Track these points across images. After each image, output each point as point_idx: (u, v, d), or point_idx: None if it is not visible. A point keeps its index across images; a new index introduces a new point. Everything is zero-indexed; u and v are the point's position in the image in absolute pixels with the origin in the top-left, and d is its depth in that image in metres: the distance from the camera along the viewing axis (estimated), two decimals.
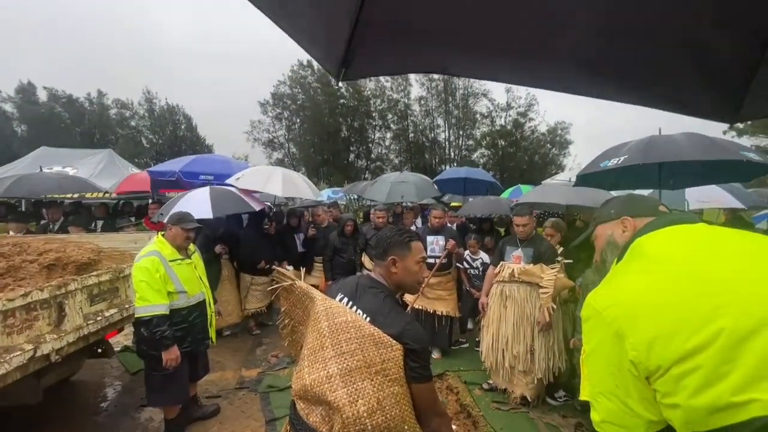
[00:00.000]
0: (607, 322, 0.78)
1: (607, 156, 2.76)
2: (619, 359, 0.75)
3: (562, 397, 3.20)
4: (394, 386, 1.10)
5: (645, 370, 0.71)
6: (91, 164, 8.28)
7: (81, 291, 2.49)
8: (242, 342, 4.59)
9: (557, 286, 2.94)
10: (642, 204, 1.03)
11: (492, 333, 3.23)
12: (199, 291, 2.74)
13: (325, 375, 1.10)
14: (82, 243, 3.29)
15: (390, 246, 1.31)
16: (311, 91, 30.37)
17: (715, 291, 0.70)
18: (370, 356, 1.11)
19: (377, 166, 31.09)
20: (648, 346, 0.71)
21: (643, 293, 0.77)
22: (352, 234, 4.66)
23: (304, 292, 1.38)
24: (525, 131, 28.41)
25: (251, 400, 3.26)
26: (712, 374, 0.64)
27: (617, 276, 0.88)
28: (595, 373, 0.81)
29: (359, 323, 1.17)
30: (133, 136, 29.86)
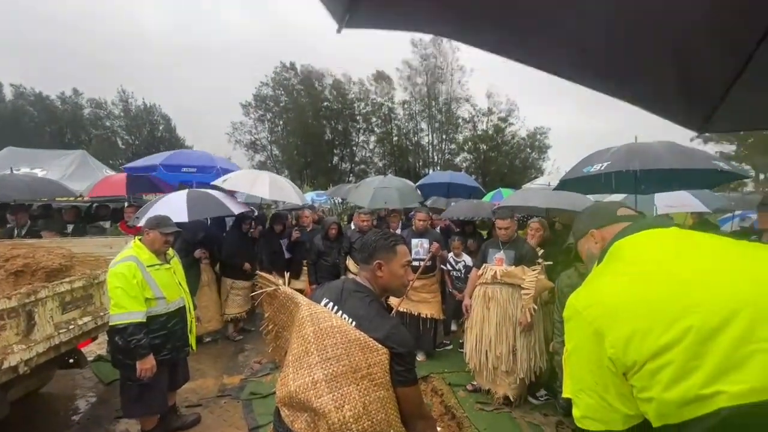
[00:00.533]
0: (588, 322, 0.82)
1: (590, 161, 2.86)
2: (598, 357, 0.78)
3: (543, 396, 3.27)
4: (380, 390, 1.10)
5: (622, 366, 0.75)
6: (62, 166, 7.91)
7: (52, 298, 2.38)
8: (223, 349, 4.48)
9: (538, 288, 3.02)
10: (602, 214, 1.09)
11: (475, 334, 3.27)
12: (178, 297, 2.65)
13: (311, 381, 1.09)
14: (53, 248, 3.15)
15: (375, 250, 1.31)
16: (295, 93, 30.16)
17: (685, 291, 0.74)
18: (355, 361, 1.10)
19: (361, 169, 31.11)
20: (625, 344, 0.74)
21: (621, 293, 0.81)
22: (336, 237, 4.64)
23: (289, 297, 1.36)
24: (506, 136, 29.06)
25: (233, 408, 3.19)
26: (683, 369, 0.68)
27: (597, 277, 0.92)
28: (577, 370, 0.85)
29: (345, 328, 1.16)
30: (108, 137, 28.81)
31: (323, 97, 30.09)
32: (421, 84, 29.43)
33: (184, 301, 2.71)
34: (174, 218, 4.32)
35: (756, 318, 0.67)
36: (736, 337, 0.66)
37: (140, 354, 2.34)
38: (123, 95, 29.44)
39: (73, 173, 7.66)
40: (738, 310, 0.68)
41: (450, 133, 30.20)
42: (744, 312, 0.68)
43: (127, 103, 29.58)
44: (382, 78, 30.36)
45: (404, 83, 29.66)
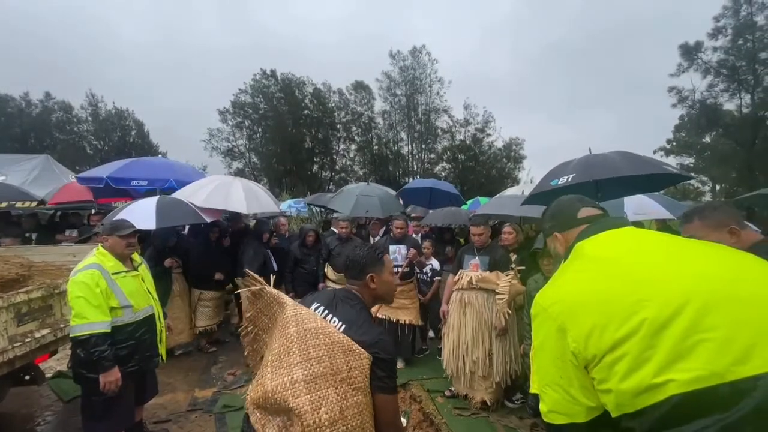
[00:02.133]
0: (552, 318, 0.86)
1: (555, 175, 2.97)
2: (562, 351, 0.82)
3: (519, 399, 3.33)
4: (358, 395, 1.10)
5: (584, 359, 0.79)
6: (24, 171, 7.49)
7: (6, 310, 2.24)
8: (195, 361, 4.31)
9: (511, 292, 3.09)
10: (563, 218, 1.14)
11: (453, 340, 3.31)
12: (146, 305, 2.53)
13: (290, 380, 1.08)
14: (9, 257, 2.97)
15: (366, 265, 1.38)
16: (274, 100, 29.93)
17: (639, 286, 0.79)
18: (337, 363, 1.10)
19: (341, 177, 31.07)
20: (586, 338, 0.79)
21: (581, 290, 0.86)
22: (314, 245, 4.60)
23: (274, 297, 1.34)
24: (483, 146, 29.85)
25: (205, 422, 3.06)
26: (637, 360, 0.72)
27: (561, 275, 0.97)
28: (543, 366, 0.88)
29: (329, 330, 1.16)
30: (75, 142, 27.52)
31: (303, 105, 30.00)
32: (401, 95, 29.94)
33: (153, 309, 2.58)
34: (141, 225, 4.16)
35: (702, 309, 0.72)
36: (684, 328, 0.71)
37: (104, 366, 2.21)
38: (92, 99, 28.30)
39: (36, 178, 7.28)
40: (686, 302, 0.73)
41: (429, 142, 30.73)
42: (692, 304, 0.73)
43: (97, 107, 28.43)
44: (361, 88, 30.67)
45: (384, 94, 30.10)
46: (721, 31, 18.60)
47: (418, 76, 29.72)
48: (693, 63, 19.42)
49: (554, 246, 1.15)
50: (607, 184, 3.20)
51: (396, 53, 29.43)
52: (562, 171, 2.93)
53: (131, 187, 4.80)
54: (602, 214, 1.10)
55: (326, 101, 30.53)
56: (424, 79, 29.78)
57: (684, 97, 20.35)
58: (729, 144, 20.48)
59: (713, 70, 19.21)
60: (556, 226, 1.14)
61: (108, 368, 2.23)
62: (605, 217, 1.09)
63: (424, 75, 29.77)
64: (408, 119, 30.14)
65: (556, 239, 1.13)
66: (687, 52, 19.40)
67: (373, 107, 30.88)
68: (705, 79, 19.63)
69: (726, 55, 18.85)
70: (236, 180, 4.97)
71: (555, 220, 1.16)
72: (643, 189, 3.65)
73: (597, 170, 2.73)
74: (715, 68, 19.17)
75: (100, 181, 4.68)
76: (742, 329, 0.69)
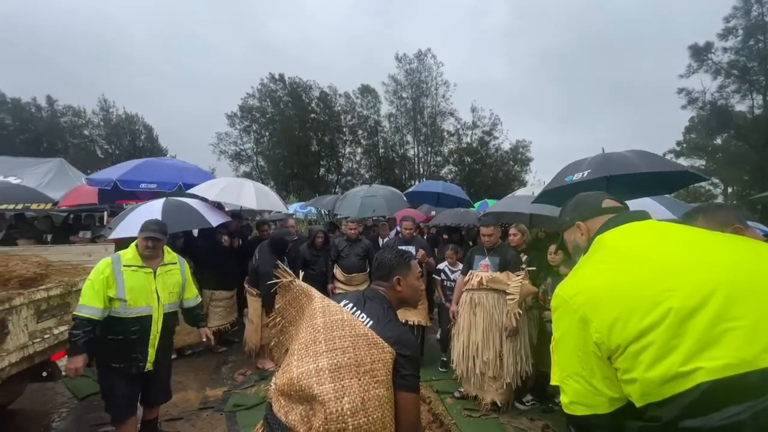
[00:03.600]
0: (573, 309, 0.86)
1: (569, 171, 2.97)
2: (584, 342, 0.83)
3: (529, 401, 3.30)
4: (380, 388, 1.11)
5: (607, 350, 0.80)
6: (39, 174, 7.66)
7: (27, 306, 2.29)
8: (206, 361, 4.35)
9: (522, 293, 3.08)
10: (588, 205, 1.14)
11: (462, 341, 3.30)
12: (145, 304, 2.42)
13: (315, 368, 1.10)
14: (27, 257, 3.04)
15: (393, 267, 1.42)
16: (281, 104, 30.21)
17: (663, 276, 0.80)
18: (361, 355, 1.12)
19: (348, 180, 31.16)
20: (609, 328, 0.79)
21: (604, 281, 0.86)
22: (323, 246, 4.62)
23: (303, 290, 1.39)
24: (490, 149, 29.74)
25: (216, 420, 3.09)
26: (663, 348, 0.72)
27: (582, 267, 0.98)
28: (564, 357, 0.89)
29: (354, 323, 1.20)
30: (86, 146, 28.02)
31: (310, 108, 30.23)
32: (407, 98, 30.01)
33: (152, 310, 2.45)
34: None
35: (728, 298, 0.72)
36: (711, 317, 0.71)
37: (71, 350, 2.24)
38: (104, 104, 28.85)
39: (51, 181, 7.43)
40: (713, 291, 0.73)
41: (435, 145, 30.72)
42: (718, 293, 0.73)
43: (108, 112, 28.96)
44: (367, 91, 30.82)
45: (390, 97, 30.20)
46: (732, 31, 18.37)
47: (423, 79, 29.80)
48: (703, 64, 19.18)
49: (574, 237, 1.15)
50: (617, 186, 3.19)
51: (402, 56, 29.58)
52: (576, 168, 2.94)
53: (140, 189, 4.82)
54: (624, 207, 1.11)
55: (333, 105, 30.73)
56: (430, 82, 29.86)
57: (694, 98, 20.09)
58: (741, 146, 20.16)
59: (724, 71, 18.96)
60: (578, 216, 1.13)
61: (74, 353, 2.24)
62: (626, 210, 1.10)
63: (430, 78, 29.84)
64: (414, 122, 30.18)
65: (578, 229, 1.12)
66: (697, 53, 19.18)
67: (379, 111, 31.01)
68: (716, 80, 19.40)
69: (737, 56, 18.60)
70: (247, 180, 5.20)
71: (578, 209, 1.15)
72: (655, 191, 3.62)
73: (613, 166, 2.73)
74: (726, 69, 18.92)
75: (108, 183, 4.70)
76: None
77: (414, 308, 1.49)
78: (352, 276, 4.33)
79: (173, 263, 2.64)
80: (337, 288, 4.38)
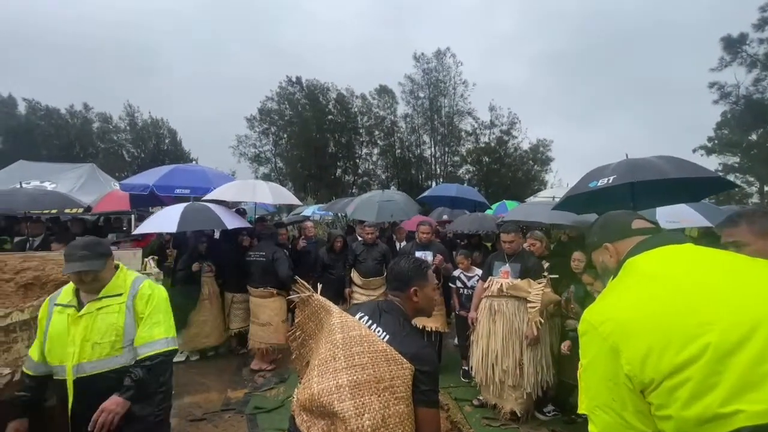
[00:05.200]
0: (603, 337, 0.82)
1: (593, 177, 2.87)
2: (615, 373, 0.78)
3: (550, 411, 3.22)
4: (400, 405, 1.11)
5: (640, 383, 0.75)
6: (72, 179, 8.05)
7: None
8: (227, 362, 4.46)
9: (544, 301, 3.01)
10: (616, 226, 1.08)
11: (481, 348, 3.25)
12: (58, 362, 1.69)
13: (335, 384, 1.11)
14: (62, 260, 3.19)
15: (411, 278, 1.39)
16: (299, 107, 30.62)
17: (700, 307, 0.74)
18: (380, 372, 1.12)
19: (364, 181, 31.26)
20: (641, 361, 0.75)
21: (636, 309, 0.81)
22: (342, 250, 4.66)
23: (321, 305, 1.40)
24: (508, 148, 29.21)
25: (237, 422, 3.16)
26: (701, 386, 0.68)
27: (611, 292, 0.93)
28: (592, 386, 0.85)
29: (373, 338, 1.20)
30: (115, 150, 29.27)
31: (327, 110, 30.51)
32: (424, 98, 29.84)
33: (64, 372, 1.67)
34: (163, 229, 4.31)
35: None
36: (754, 355, 0.67)
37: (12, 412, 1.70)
38: (129, 109, 30.06)
39: (83, 186, 7.79)
40: (755, 327, 0.68)
41: (452, 145, 30.42)
42: (761, 330, 0.68)
43: (134, 117, 30.15)
44: (384, 92, 30.84)
45: (407, 97, 30.11)
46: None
47: (441, 78, 29.56)
48: (737, 56, 18.22)
49: (603, 259, 1.09)
50: (644, 194, 3.07)
51: (420, 56, 29.42)
52: (600, 173, 2.84)
53: (175, 194, 5.01)
54: (656, 228, 1.05)
55: (349, 106, 30.90)
56: (448, 81, 29.58)
57: (727, 92, 19.12)
58: None
59: (760, 63, 17.95)
60: (607, 236, 1.07)
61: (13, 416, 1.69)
62: (659, 231, 1.03)
63: (448, 77, 29.57)
64: (431, 122, 29.98)
65: (606, 251, 1.07)
66: (730, 45, 18.24)
67: (395, 111, 30.97)
68: (751, 73, 18.38)
69: None
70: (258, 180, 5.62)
71: (606, 230, 1.10)
72: (683, 198, 3.45)
73: (639, 172, 2.62)
74: (762, 61, 17.90)
75: (145, 188, 4.90)
76: None
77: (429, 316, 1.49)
78: (369, 280, 4.34)
79: (116, 294, 1.76)
80: (355, 292, 4.40)
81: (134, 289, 1.83)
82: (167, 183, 5.01)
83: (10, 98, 26.56)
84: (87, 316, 1.71)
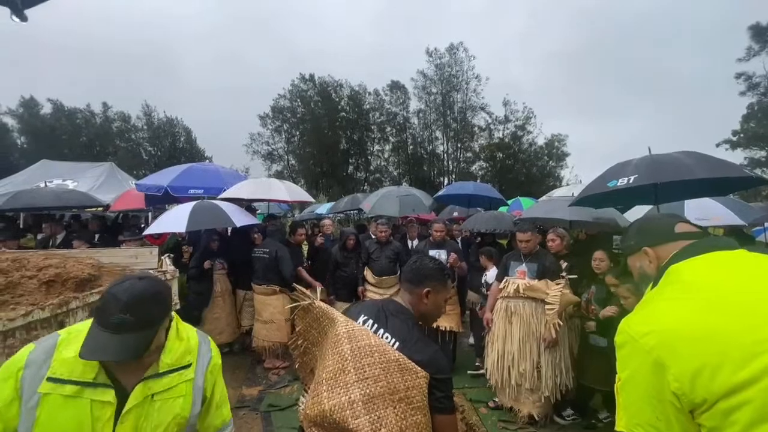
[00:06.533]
0: (645, 351, 0.75)
1: (613, 175, 2.74)
2: (659, 390, 0.72)
3: (570, 416, 3.13)
4: (417, 415, 1.07)
5: (689, 403, 0.69)
6: (92, 177, 8.25)
7: (83, 309, 2.45)
8: (241, 359, 4.50)
9: (563, 302, 2.92)
10: (657, 230, 1.00)
11: (497, 350, 3.18)
12: None
13: (347, 400, 1.06)
14: (82, 258, 3.25)
15: (428, 278, 1.33)
16: (311, 104, 30.76)
17: (760, 322, 0.68)
18: (394, 382, 1.07)
19: (376, 178, 31.27)
20: (692, 379, 0.68)
21: (684, 321, 0.74)
22: (354, 248, 4.63)
23: (323, 312, 1.31)
24: (523, 144, 28.73)
25: (252, 419, 3.18)
26: (763, 410, 0.62)
27: (653, 302, 0.85)
28: (633, 403, 0.78)
29: (384, 347, 1.14)
30: (133, 149, 30.03)
31: (340, 107, 30.56)
32: (436, 93, 29.58)
33: None
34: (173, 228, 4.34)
35: None
36: None
37: None
38: (147, 109, 30.76)
39: (102, 184, 7.97)
40: None
41: (465, 141, 30.11)
42: None
43: (150, 117, 30.85)
44: (397, 88, 30.68)
45: (419, 92, 29.89)
46: None
47: (454, 73, 29.22)
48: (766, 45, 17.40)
49: (640, 264, 1.01)
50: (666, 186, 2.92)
51: (433, 51, 29.14)
52: (620, 171, 2.70)
53: (189, 195, 5.07)
54: (701, 233, 0.96)
55: (362, 103, 30.87)
56: (461, 76, 29.22)
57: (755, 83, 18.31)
58: None
59: None
60: (646, 241, 0.99)
61: None
62: (705, 236, 0.95)
63: (461, 72, 29.21)
64: (443, 117, 29.71)
65: (645, 255, 0.99)
66: (759, 34, 17.44)
67: (408, 107, 30.80)
68: None
69: None
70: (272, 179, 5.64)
71: (645, 234, 1.02)
72: (708, 192, 3.28)
73: (664, 172, 2.47)
74: None
75: (159, 189, 4.98)
76: None
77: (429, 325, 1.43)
78: (382, 279, 4.30)
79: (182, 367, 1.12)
80: (368, 290, 4.37)
81: (205, 356, 1.21)
82: (181, 183, 5.07)
83: (32, 100, 27.48)
84: (142, 407, 1.04)
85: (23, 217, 6.89)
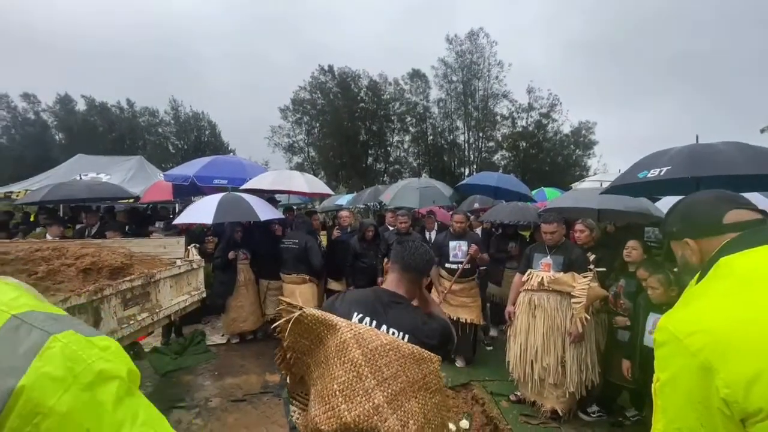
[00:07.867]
0: (691, 352, 0.69)
1: (644, 166, 2.56)
2: (706, 395, 0.66)
3: (595, 412, 3.05)
4: (436, 396, 1.13)
5: (741, 411, 0.63)
6: (123, 170, 8.64)
7: (116, 296, 2.57)
8: (265, 346, 4.63)
9: (590, 296, 2.81)
10: (703, 220, 0.89)
11: (520, 343, 3.12)
12: None
13: (372, 407, 1.04)
14: (115, 248, 3.41)
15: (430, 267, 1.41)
16: (331, 95, 30.76)
17: None
18: (412, 375, 1.10)
19: (395, 169, 31.09)
20: (746, 385, 0.62)
21: (737, 321, 0.68)
22: (373, 239, 4.63)
23: (318, 319, 1.22)
24: (548, 132, 27.74)
25: (275, 405, 3.28)
26: None
27: (699, 298, 0.78)
28: (674, 406, 0.72)
29: (396, 344, 1.13)
30: (161, 142, 31.14)
31: (359, 98, 30.42)
32: (457, 81, 28.89)
33: None
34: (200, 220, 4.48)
35: None
36: None
37: None
38: (174, 104, 31.73)
39: (132, 177, 8.33)
40: None
41: (487, 130, 29.36)
42: None
43: (177, 111, 31.81)
44: (417, 77, 30.17)
45: (440, 81, 29.28)
46: None
47: (475, 60, 28.40)
48: None
49: (682, 253, 0.92)
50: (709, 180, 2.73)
51: (453, 38, 28.40)
52: (655, 161, 2.54)
53: (213, 185, 5.25)
54: (761, 220, 0.84)
55: (381, 93, 30.59)
56: (482, 63, 28.37)
57: None
58: None
59: None
60: (687, 231, 0.90)
61: None
62: (765, 223, 0.83)
63: (482, 59, 28.35)
64: (464, 106, 29.03)
65: (686, 246, 0.90)
66: None
67: (428, 96, 30.27)
68: None
69: None
70: (293, 171, 5.79)
71: (687, 223, 0.91)
72: (758, 187, 3.03)
73: (702, 165, 2.24)
74: None
75: (186, 179, 5.20)
76: None
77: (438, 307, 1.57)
78: None
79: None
80: None
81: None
82: (207, 174, 5.26)
83: (66, 97, 28.85)
84: None
85: (62, 208, 7.30)
